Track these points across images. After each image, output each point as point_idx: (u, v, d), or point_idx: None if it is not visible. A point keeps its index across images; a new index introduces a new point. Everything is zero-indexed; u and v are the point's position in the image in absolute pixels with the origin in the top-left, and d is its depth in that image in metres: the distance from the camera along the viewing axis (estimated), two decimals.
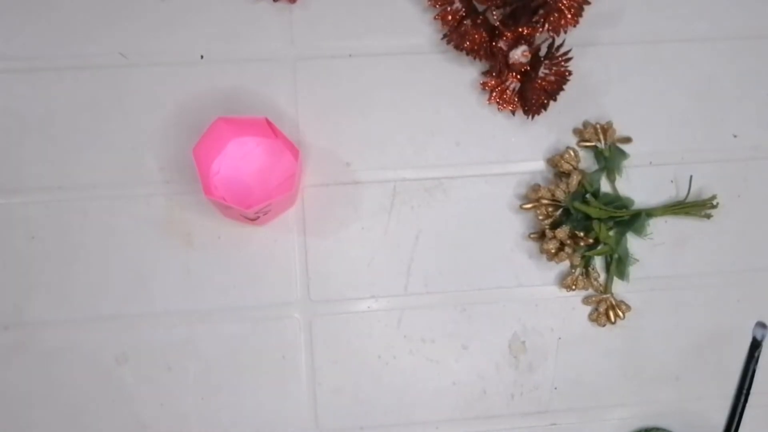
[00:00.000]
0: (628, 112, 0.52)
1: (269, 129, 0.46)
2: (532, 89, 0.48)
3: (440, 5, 0.48)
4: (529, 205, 0.50)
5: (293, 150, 0.46)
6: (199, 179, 0.44)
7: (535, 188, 0.50)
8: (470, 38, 0.48)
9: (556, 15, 0.48)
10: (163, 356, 0.48)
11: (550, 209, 0.50)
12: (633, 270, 0.51)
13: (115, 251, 0.48)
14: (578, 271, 0.50)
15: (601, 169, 0.51)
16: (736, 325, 0.52)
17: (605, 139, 0.50)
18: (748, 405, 0.51)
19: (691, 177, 0.52)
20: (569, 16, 0.48)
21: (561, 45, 0.48)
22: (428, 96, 0.51)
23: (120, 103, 0.49)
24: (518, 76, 0.49)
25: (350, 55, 0.50)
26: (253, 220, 0.46)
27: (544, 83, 0.48)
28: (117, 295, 0.48)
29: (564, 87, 0.49)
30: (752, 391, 0.51)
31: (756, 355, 0.52)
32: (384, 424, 0.50)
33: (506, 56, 0.48)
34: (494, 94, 0.49)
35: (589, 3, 0.48)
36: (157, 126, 0.49)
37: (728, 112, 0.53)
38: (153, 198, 0.49)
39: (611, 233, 0.49)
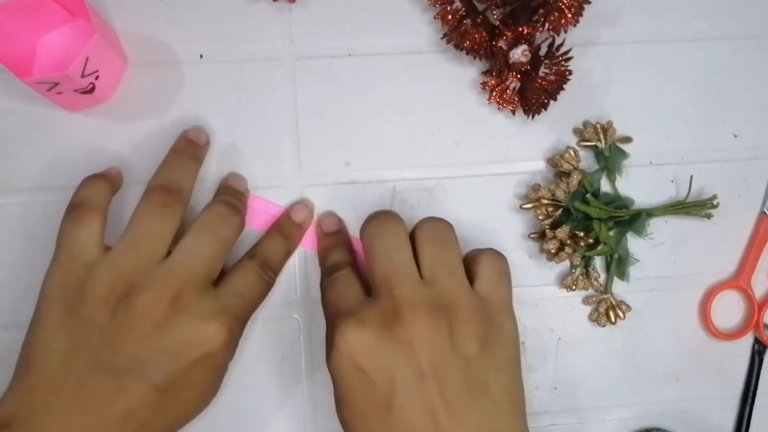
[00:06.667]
0: (628, 112, 0.52)
1: (61, 9, 0.45)
2: (532, 89, 0.48)
3: (440, 5, 0.48)
4: (529, 205, 0.50)
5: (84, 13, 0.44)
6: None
7: (535, 188, 0.50)
8: (470, 38, 0.48)
9: (557, 14, 0.48)
10: None
11: (550, 209, 0.50)
12: (633, 270, 0.51)
13: None
14: (578, 271, 0.50)
15: (601, 169, 0.51)
16: None
17: (605, 139, 0.50)
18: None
19: (691, 177, 0.52)
20: (569, 15, 0.48)
21: (561, 44, 0.48)
22: (428, 96, 0.51)
23: (119, 103, 0.49)
24: (518, 76, 0.49)
25: (350, 55, 0.50)
26: (89, 92, 0.45)
27: (544, 83, 0.48)
28: None
29: (564, 87, 0.49)
30: (756, 392, 0.51)
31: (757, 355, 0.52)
32: None
33: (506, 56, 0.48)
34: (494, 93, 0.49)
35: (589, 2, 0.48)
36: (157, 126, 0.49)
37: (728, 112, 0.53)
38: None
39: (611, 233, 0.49)
